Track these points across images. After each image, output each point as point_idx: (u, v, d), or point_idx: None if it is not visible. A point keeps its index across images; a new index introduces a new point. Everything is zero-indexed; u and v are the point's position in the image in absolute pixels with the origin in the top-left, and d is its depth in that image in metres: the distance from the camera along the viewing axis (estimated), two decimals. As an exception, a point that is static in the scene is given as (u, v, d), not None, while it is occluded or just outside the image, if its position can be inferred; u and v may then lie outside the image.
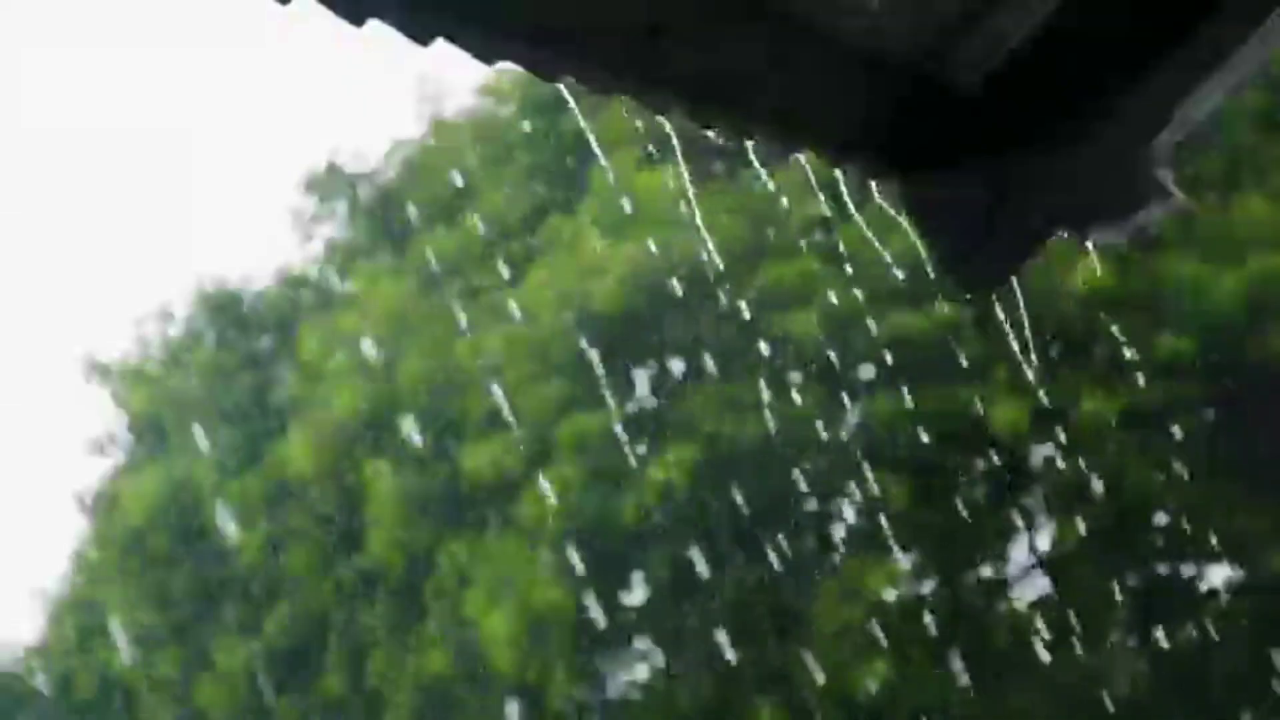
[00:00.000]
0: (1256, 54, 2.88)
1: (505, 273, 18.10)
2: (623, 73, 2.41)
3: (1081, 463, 16.07)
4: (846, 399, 16.41)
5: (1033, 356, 15.42)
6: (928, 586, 16.90)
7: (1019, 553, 17.15)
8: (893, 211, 3.04)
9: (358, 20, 2.06)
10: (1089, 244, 3.19)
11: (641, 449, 16.47)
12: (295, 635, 18.91)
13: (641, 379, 17.36)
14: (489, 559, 16.84)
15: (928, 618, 16.31)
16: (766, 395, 15.97)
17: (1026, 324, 14.87)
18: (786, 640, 16.20)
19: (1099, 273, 15.21)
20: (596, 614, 16.61)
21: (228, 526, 19.44)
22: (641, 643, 17.62)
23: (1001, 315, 15.16)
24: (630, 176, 17.13)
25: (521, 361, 16.96)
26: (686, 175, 17.28)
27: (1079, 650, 15.97)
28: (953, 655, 16.41)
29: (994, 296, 3.31)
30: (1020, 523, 17.05)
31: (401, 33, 2.12)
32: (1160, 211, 2.98)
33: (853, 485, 16.13)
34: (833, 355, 15.78)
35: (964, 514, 16.37)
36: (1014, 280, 3.12)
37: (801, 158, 2.87)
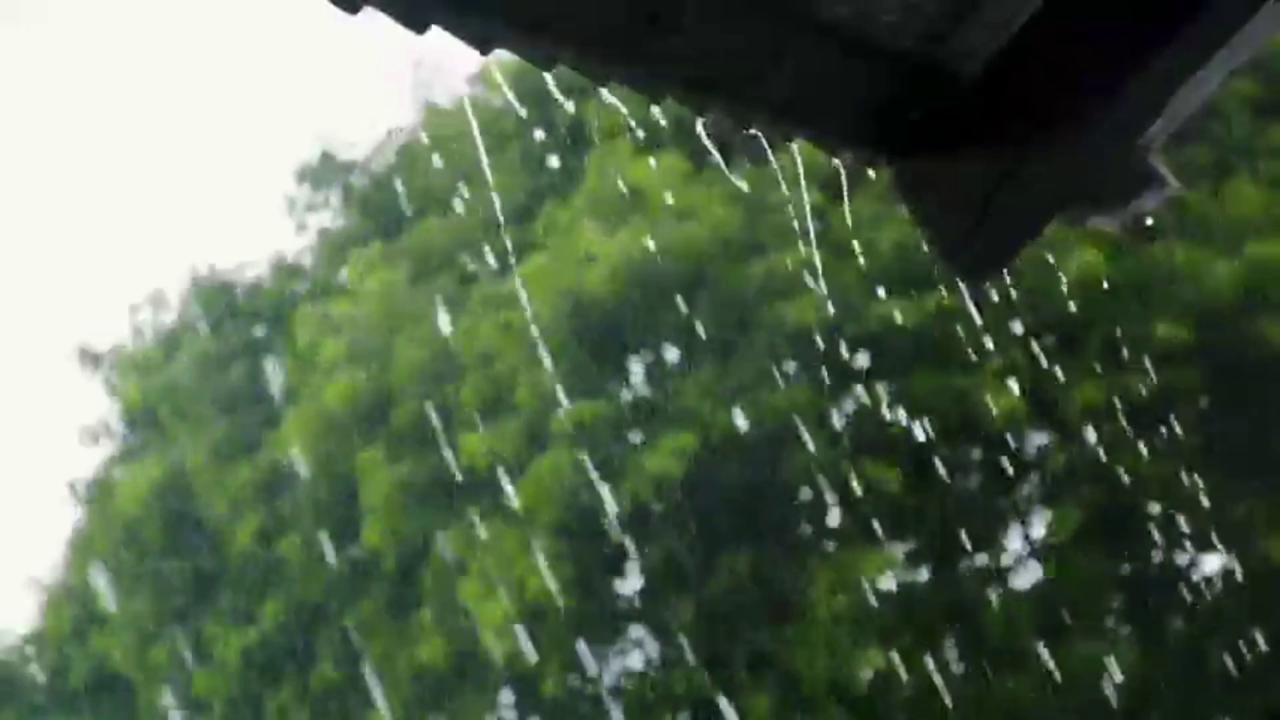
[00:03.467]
0: (1250, 43, 2.88)
1: (500, 261, 18.09)
2: (619, 60, 2.41)
3: (1076, 451, 16.09)
4: (841, 387, 16.42)
5: (1028, 344, 15.43)
6: (922, 575, 16.91)
7: (1013, 541, 17.17)
8: (889, 199, 3.05)
9: (352, 8, 2.06)
10: (1084, 231, 3.19)
11: (636, 437, 16.48)
12: (290, 624, 18.91)
13: (636, 367, 17.36)
14: (483, 548, 16.85)
15: (922, 606, 16.33)
16: (761, 383, 15.98)
17: (1022, 311, 14.90)
18: (781, 628, 16.22)
19: (1094, 260, 15.23)
20: (591, 602, 16.63)
21: (222, 515, 19.46)
22: (636, 631, 17.64)
23: (997, 302, 15.18)
24: (626, 164, 17.13)
25: (516, 350, 16.96)
26: (681, 163, 17.28)
27: (1073, 638, 15.99)
28: (947, 643, 16.43)
29: (990, 284, 3.31)
30: (1015, 511, 17.06)
31: (396, 20, 2.12)
32: (1155, 200, 2.99)
33: (847, 473, 16.14)
34: (827, 343, 15.78)
35: (958, 502, 16.39)
36: (1010, 268, 3.12)
37: (798, 146, 2.87)
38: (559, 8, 2.27)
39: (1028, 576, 17.11)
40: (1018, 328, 15.24)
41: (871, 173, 2.94)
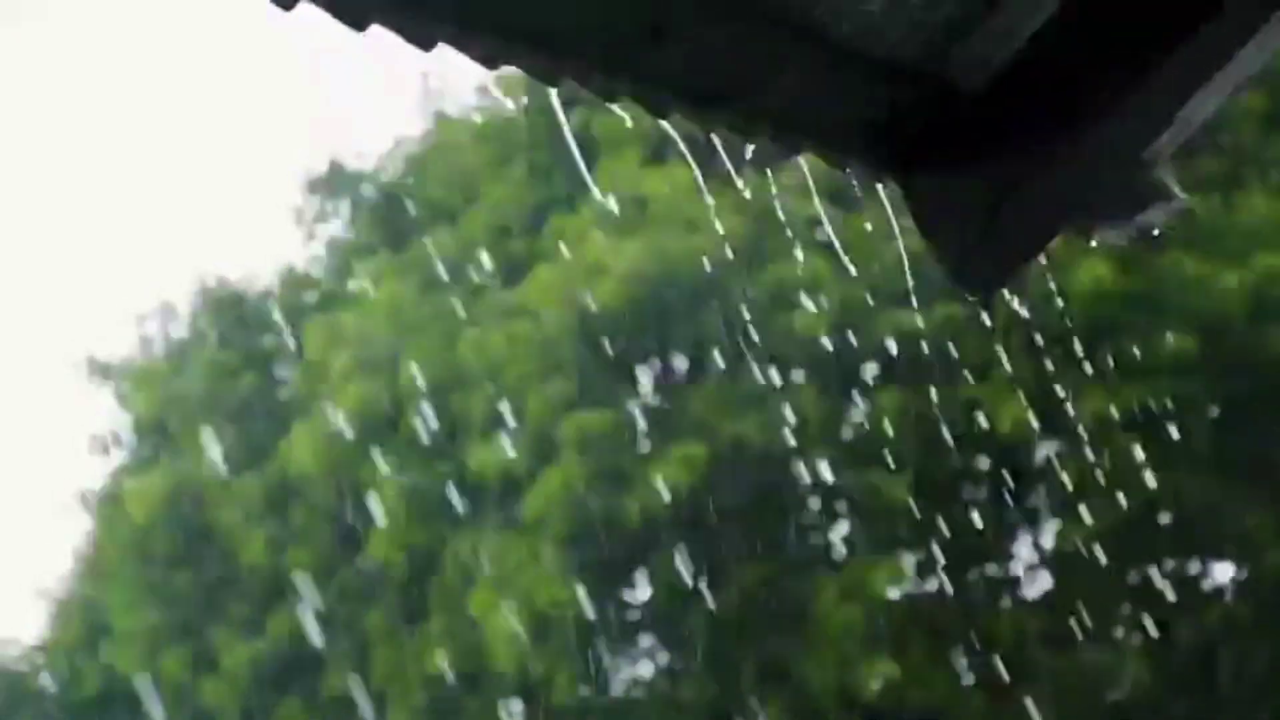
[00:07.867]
0: (1258, 55, 2.88)
1: (508, 272, 18.10)
2: (623, 75, 2.41)
3: (1085, 461, 16.06)
4: (849, 398, 16.41)
5: (1036, 354, 15.42)
6: (932, 584, 16.90)
7: (1023, 551, 17.15)
8: (895, 212, 3.04)
9: (359, 25, 2.07)
10: (1092, 243, 3.19)
11: (645, 447, 16.47)
12: (299, 635, 18.90)
13: (645, 377, 17.35)
14: (493, 558, 16.85)
15: (931, 616, 16.32)
16: (770, 394, 15.98)
17: (1029, 323, 14.90)
18: (791, 638, 16.20)
19: (1103, 270, 15.22)
20: (600, 612, 16.62)
21: (231, 525, 19.46)
22: (646, 641, 17.63)
23: (1005, 315, 15.17)
24: (634, 175, 17.13)
25: (525, 360, 16.96)
26: (691, 175, 17.28)
27: (1083, 648, 15.97)
28: (956, 654, 16.41)
29: (997, 296, 3.31)
30: (1024, 521, 17.05)
31: (403, 38, 2.13)
32: (1162, 213, 2.98)
33: (856, 484, 16.13)
34: (836, 354, 15.78)
35: (968, 513, 16.37)
36: (1016, 280, 3.12)
37: (803, 159, 2.87)
38: (562, 24, 2.27)
39: (1038, 586, 17.11)
40: (1026, 338, 15.23)
41: (877, 185, 2.94)
